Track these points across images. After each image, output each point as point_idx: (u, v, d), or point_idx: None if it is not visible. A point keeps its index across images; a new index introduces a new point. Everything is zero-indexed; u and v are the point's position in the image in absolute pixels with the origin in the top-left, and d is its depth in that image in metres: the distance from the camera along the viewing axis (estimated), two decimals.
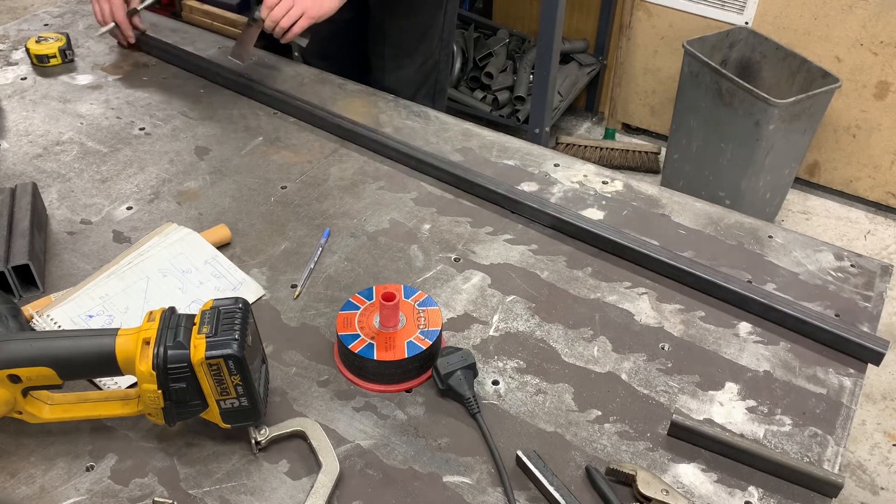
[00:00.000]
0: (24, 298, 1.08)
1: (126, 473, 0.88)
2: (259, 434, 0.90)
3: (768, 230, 1.27)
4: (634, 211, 1.29)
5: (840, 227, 2.81)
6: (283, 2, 1.39)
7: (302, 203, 1.27)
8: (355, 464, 0.91)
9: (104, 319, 1.04)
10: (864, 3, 2.49)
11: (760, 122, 2.37)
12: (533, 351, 1.05)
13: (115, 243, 1.18)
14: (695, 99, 2.59)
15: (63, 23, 1.72)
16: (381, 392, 0.99)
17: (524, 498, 0.88)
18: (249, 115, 1.47)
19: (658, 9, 2.86)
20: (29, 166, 1.32)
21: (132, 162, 1.35)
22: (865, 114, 2.68)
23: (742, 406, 0.99)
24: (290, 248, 1.19)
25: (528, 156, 1.40)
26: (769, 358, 1.06)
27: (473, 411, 0.95)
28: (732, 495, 0.89)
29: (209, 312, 0.85)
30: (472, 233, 1.23)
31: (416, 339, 0.99)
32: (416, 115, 1.49)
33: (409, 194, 1.30)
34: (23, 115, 1.45)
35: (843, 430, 0.97)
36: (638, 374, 1.03)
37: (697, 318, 1.11)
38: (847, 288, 1.17)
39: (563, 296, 1.13)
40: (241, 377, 0.83)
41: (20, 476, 0.88)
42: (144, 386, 0.83)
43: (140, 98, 1.50)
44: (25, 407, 0.87)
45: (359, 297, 1.05)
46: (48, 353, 0.83)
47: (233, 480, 0.88)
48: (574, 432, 0.95)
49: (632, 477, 0.88)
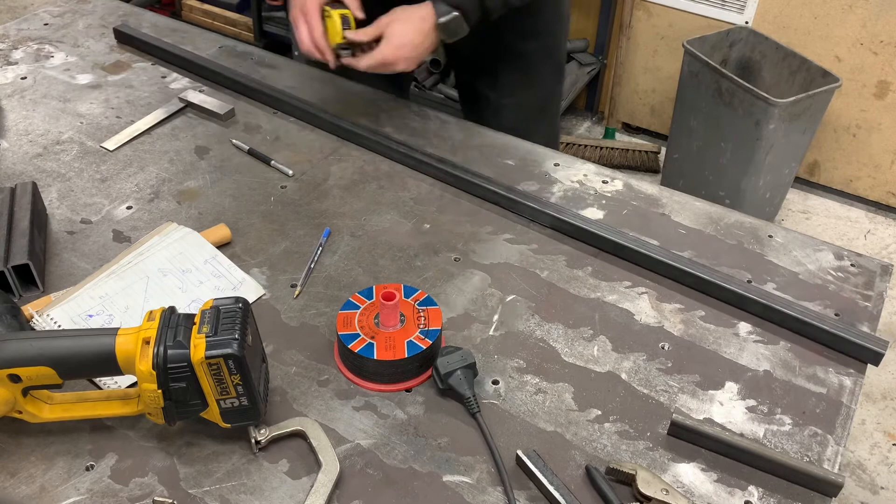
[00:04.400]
0: (23, 298, 1.08)
1: (126, 473, 0.89)
2: (259, 434, 0.90)
3: (768, 230, 1.27)
4: (634, 210, 1.29)
5: (840, 227, 2.81)
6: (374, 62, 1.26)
7: (302, 203, 1.27)
8: (355, 463, 0.91)
9: (104, 319, 1.04)
10: (864, 2, 2.49)
11: (760, 122, 2.37)
12: (533, 350, 1.05)
13: (114, 243, 1.18)
14: (695, 98, 2.59)
15: (63, 22, 1.72)
16: (380, 391, 0.99)
17: (524, 497, 0.88)
18: (249, 115, 1.47)
19: (658, 8, 2.86)
20: (29, 166, 1.32)
21: (132, 161, 1.35)
22: (865, 113, 2.68)
23: (742, 406, 0.99)
24: (290, 247, 1.19)
25: (528, 155, 1.40)
26: (769, 357, 1.06)
27: (473, 411, 0.95)
28: (732, 495, 0.89)
29: (209, 312, 0.85)
30: (472, 233, 1.23)
31: (416, 339, 0.99)
32: (416, 115, 1.49)
33: (409, 194, 1.30)
34: (23, 114, 1.45)
35: (842, 429, 0.97)
36: (638, 373, 1.03)
37: (697, 318, 1.11)
38: (847, 287, 1.17)
39: (563, 295, 1.13)
40: (241, 377, 0.83)
41: (20, 475, 0.88)
42: (144, 385, 0.83)
43: (140, 98, 1.50)
44: (25, 406, 0.87)
45: (359, 296, 1.05)
46: (48, 352, 0.83)
47: (233, 480, 0.88)
48: (574, 432, 0.95)
49: (632, 476, 0.88)
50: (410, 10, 1.26)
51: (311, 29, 1.25)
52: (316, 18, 1.25)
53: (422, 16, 1.26)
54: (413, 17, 1.26)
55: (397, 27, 1.25)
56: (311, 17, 1.25)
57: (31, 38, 1.66)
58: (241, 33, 3.30)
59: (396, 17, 1.26)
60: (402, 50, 1.24)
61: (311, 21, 1.25)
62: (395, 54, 1.24)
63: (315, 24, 1.25)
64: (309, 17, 1.25)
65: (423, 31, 1.25)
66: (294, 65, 1.63)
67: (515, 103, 1.61)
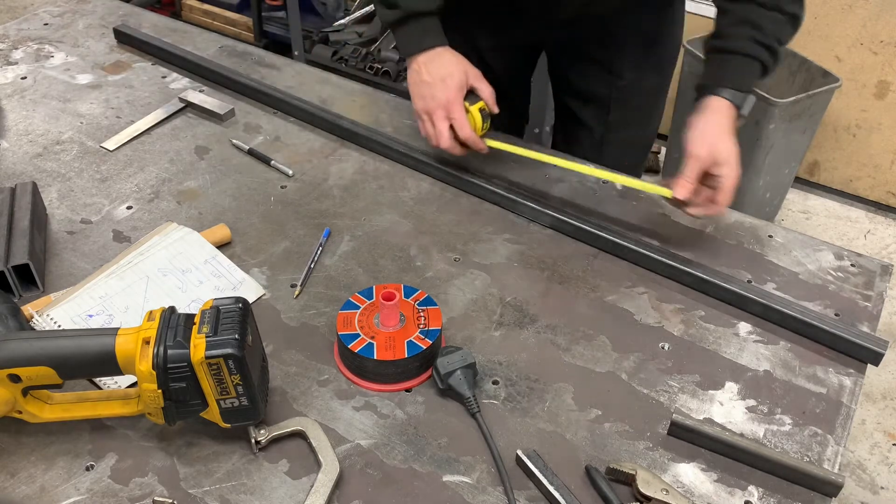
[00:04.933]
0: (23, 298, 1.08)
1: (126, 473, 0.89)
2: (259, 433, 0.90)
3: (768, 230, 1.27)
4: (635, 211, 1.29)
5: (840, 227, 2.81)
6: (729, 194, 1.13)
7: (302, 203, 1.27)
8: (355, 463, 0.91)
9: (104, 319, 1.04)
10: (864, 2, 2.49)
11: (760, 122, 2.37)
12: (533, 350, 1.05)
13: (114, 243, 1.18)
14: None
15: (63, 22, 1.72)
16: (381, 391, 0.99)
17: (524, 497, 0.88)
18: (249, 115, 1.47)
19: None
20: (29, 166, 1.32)
21: (132, 161, 1.35)
22: (865, 113, 2.68)
23: (742, 405, 0.99)
24: (290, 247, 1.19)
25: (528, 155, 1.39)
26: (769, 357, 1.06)
27: (473, 411, 0.95)
28: (732, 495, 0.89)
29: (209, 312, 0.85)
30: (472, 233, 1.23)
31: (416, 339, 0.99)
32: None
33: (409, 194, 1.30)
34: (23, 114, 1.45)
35: (843, 429, 0.97)
36: (638, 373, 1.03)
37: (697, 318, 1.11)
38: (847, 287, 1.17)
39: (563, 295, 1.13)
40: (240, 377, 0.83)
41: (20, 475, 0.88)
42: (144, 385, 0.83)
43: (140, 98, 1.50)
44: (25, 406, 0.87)
45: (359, 296, 1.05)
46: (48, 352, 0.83)
47: (233, 480, 0.88)
48: (574, 432, 0.95)
49: (632, 476, 0.88)
50: (713, 121, 1.13)
51: (459, 125, 1.19)
52: (462, 114, 1.19)
53: (728, 120, 1.13)
54: (723, 126, 1.12)
55: (721, 146, 1.11)
56: (457, 114, 1.19)
57: (31, 38, 1.66)
58: (241, 33, 3.29)
59: (713, 136, 1.11)
60: (736, 163, 1.11)
61: (458, 117, 1.19)
62: (737, 172, 1.11)
63: (463, 120, 1.19)
64: (454, 113, 1.19)
65: (733, 132, 1.14)
66: (294, 65, 1.63)
67: (622, 139, 1.52)
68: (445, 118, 1.20)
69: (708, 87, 1.16)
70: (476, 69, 1.23)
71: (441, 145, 1.22)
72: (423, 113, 1.23)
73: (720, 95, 1.14)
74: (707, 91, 1.16)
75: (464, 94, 1.21)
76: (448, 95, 1.19)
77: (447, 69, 1.20)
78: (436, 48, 1.22)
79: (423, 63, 1.22)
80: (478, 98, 1.22)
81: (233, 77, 1.52)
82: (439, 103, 1.20)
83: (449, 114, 1.20)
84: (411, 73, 1.24)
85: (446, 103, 1.19)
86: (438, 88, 1.19)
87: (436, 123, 1.21)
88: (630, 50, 1.42)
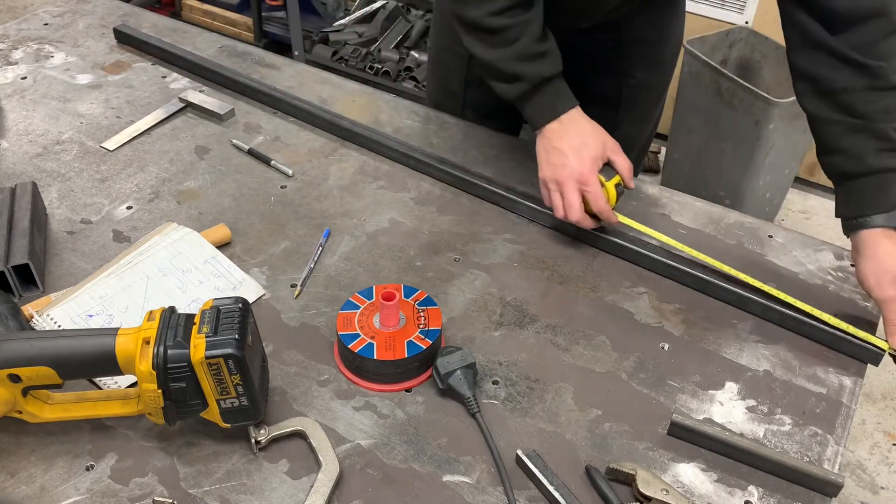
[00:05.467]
0: (23, 298, 1.08)
1: (126, 473, 0.89)
2: (259, 433, 0.90)
3: (768, 230, 1.27)
4: (634, 210, 1.29)
5: (840, 227, 2.81)
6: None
7: (302, 203, 1.27)
8: (355, 463, 0.91)
9: (104, 319, 1.04)
10: None
11: (760, 122, 2.37)
12: (533, 350, 1.05)
13: (114, 243, 1.18)
14: (695, 98, 2.59)
15: (63, 22, 1.72)
16: (381, 391, 0.99)
17: (524, 497, 0.88)
18: (249, 115, 1.47)
19: None
20: (29, 166, 1.32)
21: (132, 161, 1.35)
22: None
23: (742, 405, 0.99)
24: (290, 247, 1.19)
25: (528, 155, 1.40)
26: (769, 357, 1.06)
27: (473, 411, 0.95)
28: (732, 495, 0.89)
29: (209, 312, 0.85)
30: (472, 233, 1.23)
31: (416, 339, 0.99)
32: (416, 115, 1.49)
33: (409, 194, 1.30)
34: (23, 114, 1.45)
35: (842, 429, 0.97)
36: (638, 373, 1.03)
37: (697, 318, 1.11)
38: (847, 287, 1.17)
39: (563, 295, 1.13)
40: (240, 377, 0.83)
41: (20, 475, 0.88)
42: (144, 385, 0.83)
43: (140, 98, 1.50)
44: (25, 406, 0.87)
45: (359, 296, 1.05)
46: (48, 352, 0.83)
47: (233, 480, 0.88)
48: (574, 432, 0.95)
49: (632, 476, 0.88)
50: (884, 255, 1.06)
51: (594, 198, 1.13)
52: (598, 187, 1.13)
53: (893, 243, 1.07)
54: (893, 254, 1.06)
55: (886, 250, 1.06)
56: (592, 186, 1.12)
57: (31, 38, 1.66)
58: (241, 33, 3.30)
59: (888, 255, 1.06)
60: None
61: (593, 189, 1.13)
62: None
63: (598, 193, 1.13)
64: (590, 186, 1.12)
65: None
66: (294, 65, 1.63)
67: (626, 137, 1.47)
68: (577, 189, 1.13)
69: (857, 220, 1.09)
70: (614, 140, 1.17)
71: (570, 217, 1.15)
72: (551, 182, 1.16)
73: (875, 226, 1.07)
74: (859, 227, 1.09)
75: (600, 166, 1.14)
76: (583, 167, 1.12)
77: (583, 138, 1.14)
78: (569, 112, 1.16)
79: (556, 130, 1.15)
80: (614, 172, 1.16)
81: (233, 77, 1.52)
82: (572, 174, 1.13)
83: (583, 185, 1.13)
84: (542, 140, 1.17)
85: (580, 175, 1.13)
86: (573, 158, 1.13)
87: (566, 194, 1.14)
88: (640, 49, 1.41)
